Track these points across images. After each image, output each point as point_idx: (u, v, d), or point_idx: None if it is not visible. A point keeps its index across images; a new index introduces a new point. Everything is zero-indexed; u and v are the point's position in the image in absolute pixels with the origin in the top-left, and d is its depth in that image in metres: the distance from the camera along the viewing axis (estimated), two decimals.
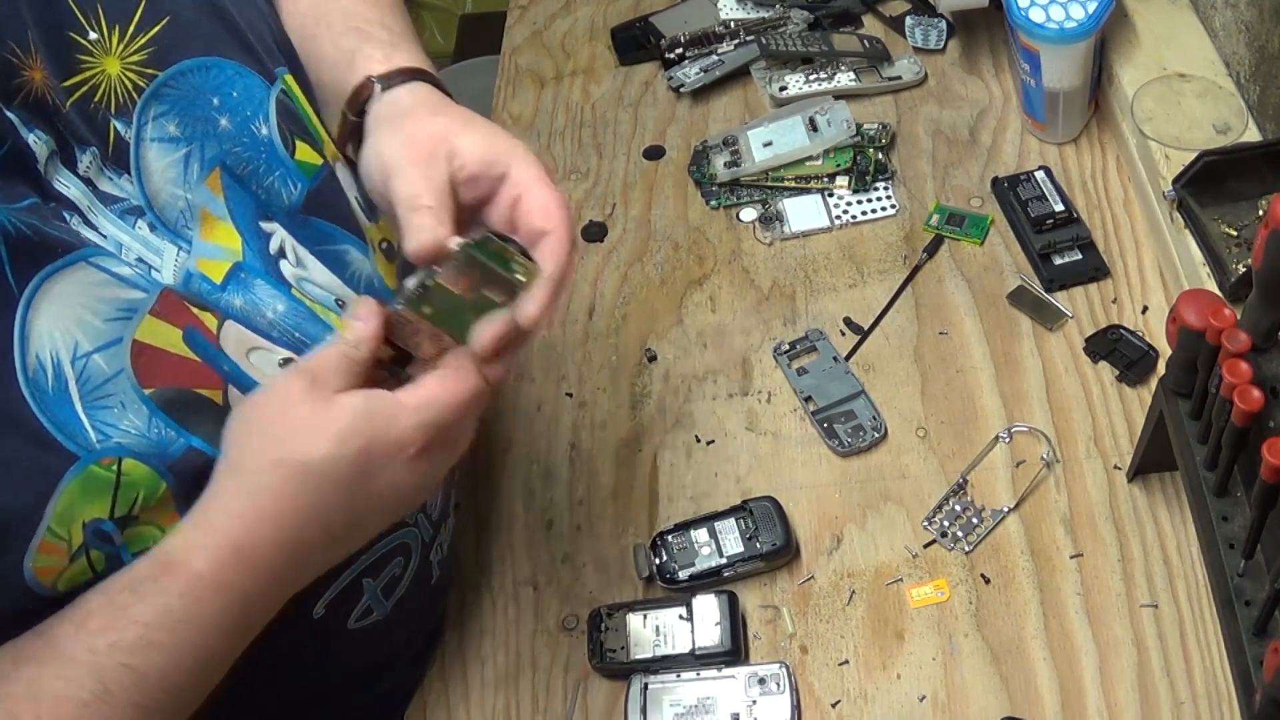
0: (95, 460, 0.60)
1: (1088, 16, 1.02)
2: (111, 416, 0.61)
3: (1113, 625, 0.83)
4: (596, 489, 0.98)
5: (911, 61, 1.21)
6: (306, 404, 0.59)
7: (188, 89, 0.69)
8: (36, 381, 0.58)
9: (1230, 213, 0.94)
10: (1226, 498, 0.71)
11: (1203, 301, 0.71)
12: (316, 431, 0.59)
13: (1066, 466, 0.91)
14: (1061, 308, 1.00)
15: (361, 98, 0.74)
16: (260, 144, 0.72)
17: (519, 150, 0.69)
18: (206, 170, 0.69)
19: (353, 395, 0.60)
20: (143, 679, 0.56)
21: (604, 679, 0.87)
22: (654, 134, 1.23)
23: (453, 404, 0.61)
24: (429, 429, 0.60)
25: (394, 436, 0.60)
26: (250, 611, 0.61)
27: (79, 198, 0.63)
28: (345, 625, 0.79)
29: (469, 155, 0.68)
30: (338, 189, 0.78)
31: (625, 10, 1.37)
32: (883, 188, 1.12)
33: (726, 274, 1.09)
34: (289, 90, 0.76)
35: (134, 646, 0.56)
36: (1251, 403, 0.64)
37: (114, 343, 0.62)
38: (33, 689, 0.55)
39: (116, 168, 0.65)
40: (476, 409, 0.63)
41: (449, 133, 0.69)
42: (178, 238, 0.68)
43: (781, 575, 0.90)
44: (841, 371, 0.99)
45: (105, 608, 0.57)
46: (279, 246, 0.73)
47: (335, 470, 0.59)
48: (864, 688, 0.84)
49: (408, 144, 0.68)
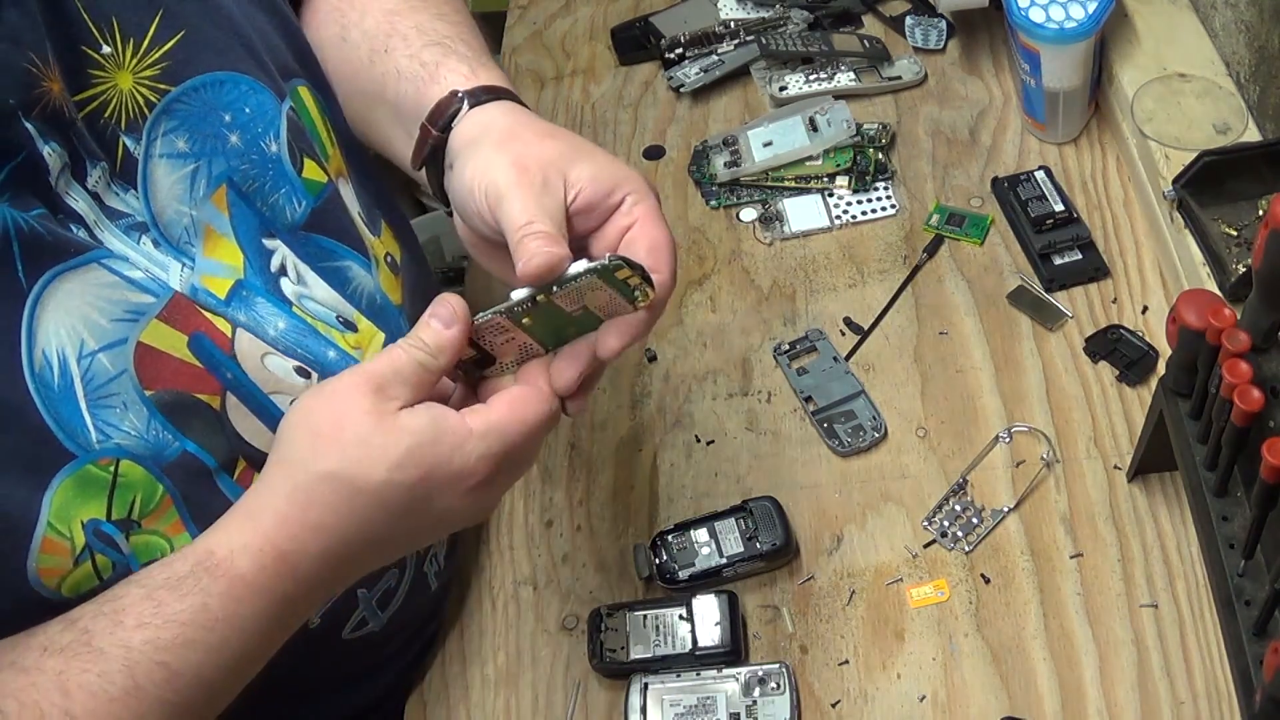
0: (93, 460, 0.60)
1: (1088, 16, 1.01)
2: (114, 417, 0.61)
3: (1113, 625, 0.83)
4: (596, 489, 0.98)
5: (911, 61, 1.21)
6: (369, 419, 0.57)
7: (199, 105, 0.68)
8: (43, 377, 0.59)
9: (1230, 213, 0.94)
10: (1226, 498, 0.71)
11: (1203, 301, 0.71)
12: (376, 454, 0.57)
13: (1066, 466, 0.91)
14: (1061, 308, 1.00)
15: (447, 112, 0.71)
16: (269, 161, 0.72)
17: (635, 181, 0.66)
18: (213, 187, 0.69)
19: (417, 414, 0.58)
20: (176, 677, 0.55)
21: (604, 679, 0.87)
22: (654, 134, 1.23)
23: (521, 431, 0.59)
24: (494, 459, 0.58)
25: (456, 467, 0.58)
26: (288, 614, 0.60)
27: (86, 211, 0.63)
28: (340, 635, 0.79)
29: (585, 183, 0.65)
30: (341, 205, 0.78)
31: (625, 10, 1.37)
32: (883, 188, 1.12)
33: (726, 274, 1.09)
34: (299, 106, 0.76)
35: (170, 645, 0.55)
36: (1251, 403, 0.64)
37: (119, 343, 0.62)
38: (61, 681, 0.54)
39: (124, 183, 0.65)
40: (544, 434, 0.61)
41: (563, 159, 0.66)
42: (181, 254, 0.67)
43: (781, 575, 0.90)
44: (841, 371, 0.99)
45: (142, 602, 0.56)
46: (280, 264, 0.72)
47: (391, 496, 0.57)
48: (864, 688, 0.84)
49: (518, 168, 0.64)
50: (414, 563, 0.84)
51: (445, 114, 0.71)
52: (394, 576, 0.82)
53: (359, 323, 0.76)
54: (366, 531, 0.58)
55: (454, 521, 0.62)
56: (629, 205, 0.66)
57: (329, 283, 0.75)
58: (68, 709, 0.53)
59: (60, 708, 0.53)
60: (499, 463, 0.59)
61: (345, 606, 0.78)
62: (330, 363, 0.73)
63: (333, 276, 0.75)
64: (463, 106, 0.71)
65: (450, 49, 0.76)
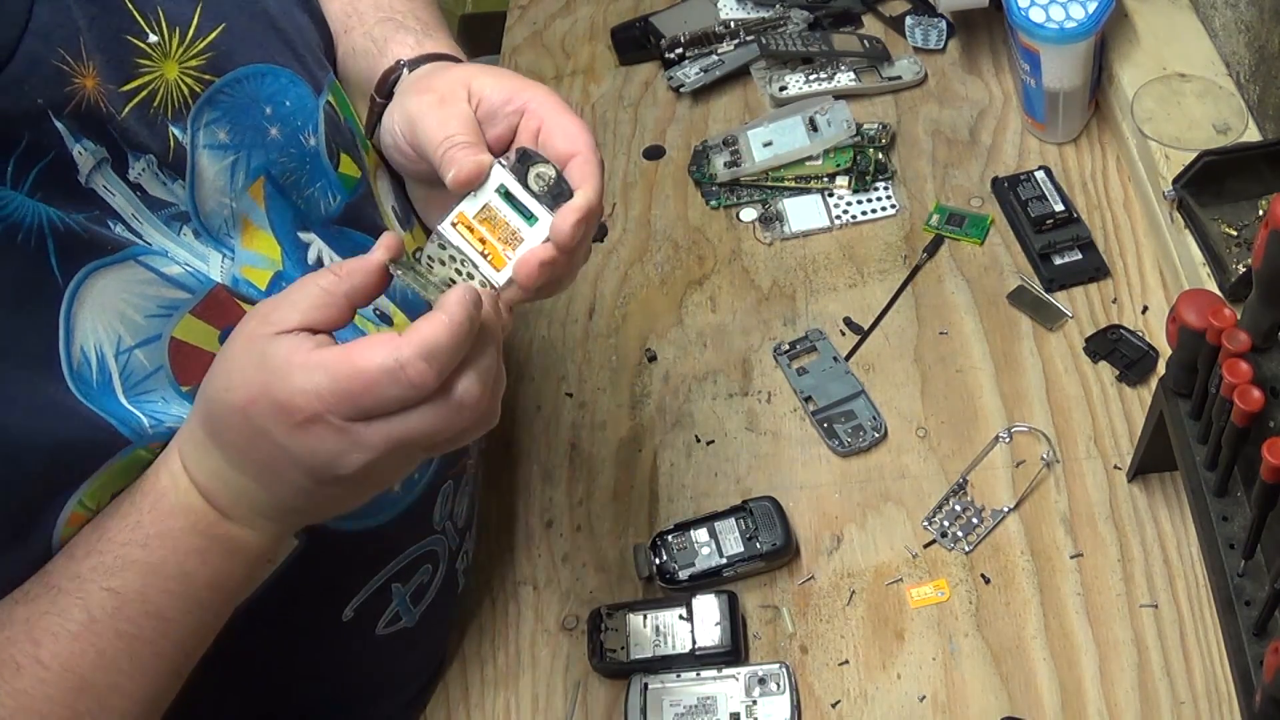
0: (145, 445, 0.60)
1: (1088, 16, 1.02)
2: (158, 407, 0.61)
3: (1113, 625, 0.83)
4: (596, 489, 0.98)
5: (911, 61, 1.21)
6: (236, 342, 0.56)
7: (242, 96, 0.68)
8: (81, 374, 0.58)
9: (1230, 213, 0.94)
10: (1226, 498, 0.71)
11: (1203, 301, 0.71)
12: (218, 373, 0.56)
13: (1066, 466, 0.91)
14: (1061, 308, 1.00)
15: (389, 80, 0.74)
16: (306, 155, 0.72)
17: (536, 87, 0.68)
18: (251, 179, 0.69)
19: (272, 341, 0.55)
20: (125, 603, 0.56)
21: (604, 679, 0.87)
22: (654, 134, 1.23)
23: (350, 372, 0.53)
24: (320, 398, 0.53)
25: (278, 396, 0.54)
26: (223, 544, 0.58)
27: (123, 205, 0.62)
28: (373, 630, 0.79)
29: (486, 91, 0.67)
30: (373, 200, 0.78)
31: (625, 10, 1.37)
32: (883, 188, 1.12)
33: (726, 274, 1.09)
34: (338, 100, 0.76)
35: (112, 567, 0.56)
36: (1251, 403, 0.64)
37: (154, 339, 0.62)
38: (29, 629, 0.54)
39: (172, 173, 0.65)
40: (392, 387, 0.53)
41: (465, 75, 0.68)
42: (221, 245, 0.67)
43: (781, 575, 0.90)
44: (841, 371, 0.99)
45: (89, 533, 0.57)
46: (316, 257, 0.72)
47: (228, 417, 0.56)
48: (864, 688, 0.84)
49: (426, 96, 0.67)
50: (446, 558, 0.84)
51: (388, 83, 0.73)
52: (427, 572, 0.82)
53: (395, 316, 0.77)
54: (230, 454, 0.57)
55: (317, 469, 0.56)
56: (534, 107, 0.67)
57: None
58: (37, 656, 0.54)
59: (31, 656, 0.54)
60: (330, 404, 0.53)
61: (381, 600, 0.79)
62: None
63: None
64: (403, 73, 0.73)
65: (400, 24, 0.78)
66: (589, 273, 1.12)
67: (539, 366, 1.06)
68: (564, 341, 1.08)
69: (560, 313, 1.10)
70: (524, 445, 1.01)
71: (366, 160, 0.78)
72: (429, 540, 0.81)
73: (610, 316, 1.09)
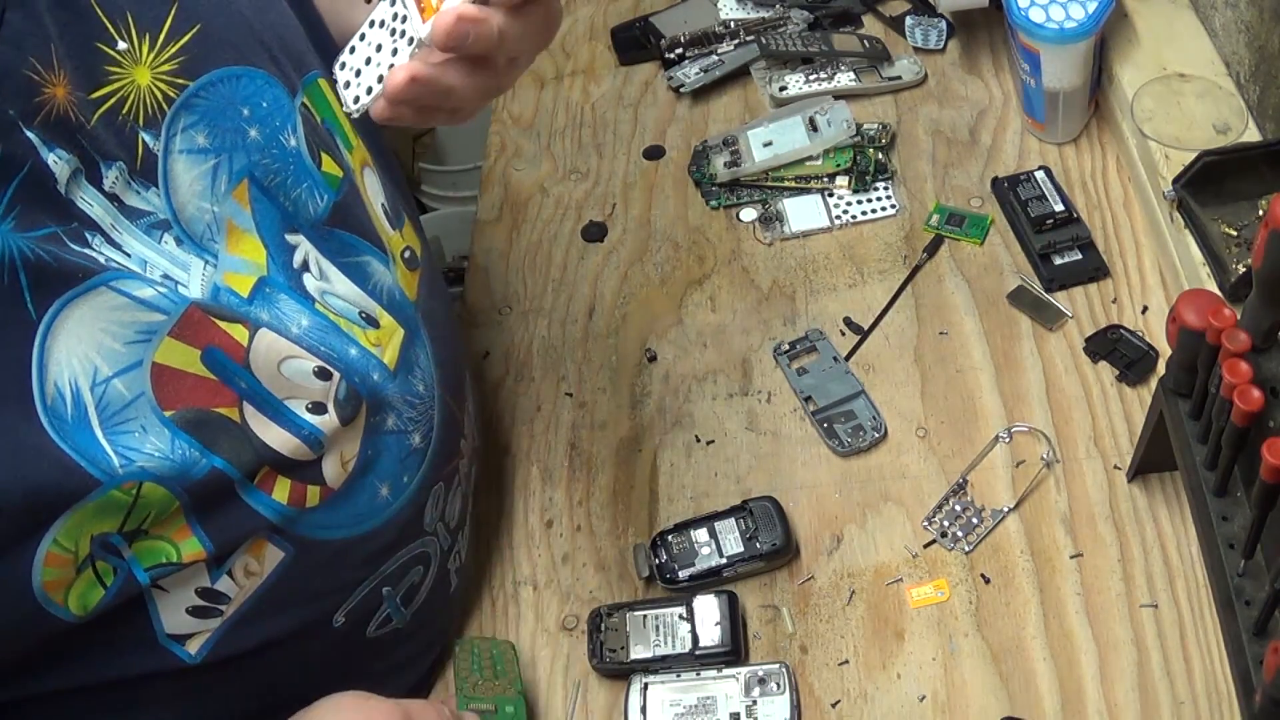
0: (116, 485, 0.59)
1: (1088, 16, 1.02)
2: (133, 440, 0.61)
3: (1113, 625, 0.83)
4: (596, 489, 0.98)
5: (911, 61, 1.21)
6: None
7: (218, 99, 0.68)
8: (55, 410, 0.58)
9: (1230, 213, 0.94)
10: (1226, 498, 0.71)
11: (1203, 301, 0.71)
12: None
13: (1066, 466, 0.91)
14: (1061, 308, 1.00)
15: None
16: (289, 155, 0.71)
17: None
18: (234, 182, 0.68)
19: None
20: None
21: (604, 679, 0.87)
22: (654, 134, 1.23)
23: None
24: None
25: None
26: None
27: (102, 216, 0.62)
28: (364, 633, 0.79)
29: None
30: (360, 199, 0.78)
31: (625, 10, 1.37)
32: (883, 188, 1.12)
33: (726, 274, 1.09)
34: (316, 99, 0.75)
35: None
36: (1251, 403, 0.64)
37: (134, 366, 0.61)
38: None
39: (144, 181, 0.64)
40: None
41: None
42: (204, 251, 0.67)
43: (781, 575, 0.90)
44: (841, 371, 0.99)
45: None
46: (303, 259, 0.72)
47: None
48: (864, 688, 0.84)
49: None
50: (438, 559, 0.84)
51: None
52: (418, 573, 0.82)
53: (380, 318, 0.76)
54: None
55: None
56: None
57: (350, 278, 0.75)
58: None
59: None
60: None
61: (371, 604, 0.78)
62: (353, 361, 0.72)
63: (354, 272, 0.75)
64: None
65: None
66: (589, 273, 1.12)
67: (539, 366, 1.07)
68: (564, 341, 1.08)
69: (560, 312, 1.10)
70: (524, 445, 1.01)
71: (349, 159, 0.77)
72: (420, 542, 0.81)
73: (610, 316, 1.09)
